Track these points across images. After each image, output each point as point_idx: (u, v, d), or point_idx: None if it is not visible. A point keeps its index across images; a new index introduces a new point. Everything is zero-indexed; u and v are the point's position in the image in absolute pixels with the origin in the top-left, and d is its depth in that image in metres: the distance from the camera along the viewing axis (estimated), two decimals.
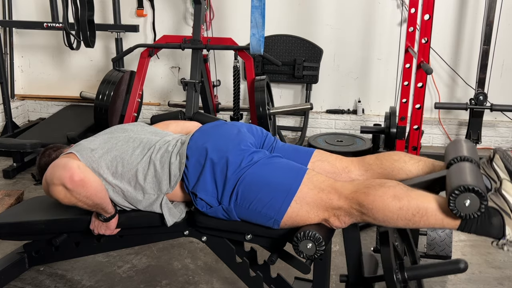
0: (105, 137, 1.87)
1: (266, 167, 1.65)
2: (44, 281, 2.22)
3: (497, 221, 1.45)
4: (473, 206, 1.39)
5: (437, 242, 2.34)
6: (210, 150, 1.68)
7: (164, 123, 2.14)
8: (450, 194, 1.40)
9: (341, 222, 1.58)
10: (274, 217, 1.61)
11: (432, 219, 1.48)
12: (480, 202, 1.39)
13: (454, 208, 1.41)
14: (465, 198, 1.39)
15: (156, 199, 1.75)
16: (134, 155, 1.77)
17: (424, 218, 1.48)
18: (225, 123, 1.90)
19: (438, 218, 1.47)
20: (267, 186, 1.61)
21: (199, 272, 2.30)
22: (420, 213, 1.47)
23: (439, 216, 1.47)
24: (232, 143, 1.71)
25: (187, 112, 3.21)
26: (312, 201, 1.58)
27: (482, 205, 1.39)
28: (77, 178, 1.62)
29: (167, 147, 1.77)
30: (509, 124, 4.00)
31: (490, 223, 1.46)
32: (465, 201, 1.39)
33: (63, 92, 4.61)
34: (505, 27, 3.73)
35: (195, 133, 1.80)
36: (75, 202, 1.67)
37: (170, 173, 1.73)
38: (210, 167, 1.67)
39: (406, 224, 1.50)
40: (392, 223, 1.51)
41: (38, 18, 4.33)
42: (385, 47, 4.03)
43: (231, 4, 4.14)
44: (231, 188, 1.64)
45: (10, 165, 3.46)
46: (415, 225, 1.50)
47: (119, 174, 1.75)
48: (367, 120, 4.17)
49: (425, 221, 1.48)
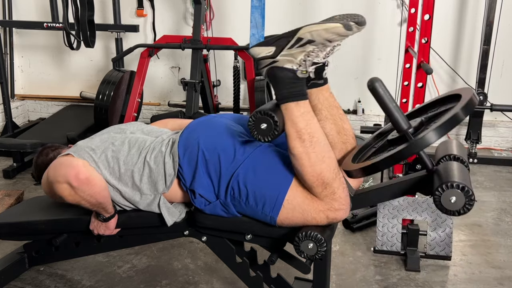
0: (102, 137, 1.86)
1: (258, 162, 1.64)
2: (44, 281, 2.22)
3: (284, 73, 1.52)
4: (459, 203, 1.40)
5: (437, 242, 2.34)
6: (201, 147, 1.68)
7: (162, 121, 2.14)
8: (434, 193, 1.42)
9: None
10: (270, 214, 1.61)
11: None
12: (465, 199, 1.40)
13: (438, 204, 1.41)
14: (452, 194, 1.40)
15: (153, 199, 1.76)
16: (129, 155, 1.77)
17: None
18: (214, 116, 1.88)
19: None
20: (261, 183, 1.61)
21: (199, 272, 2.30)
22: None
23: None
24: (222, 136, 1.70)
25: (187, 112, 3.21)
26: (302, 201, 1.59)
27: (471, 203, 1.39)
28: (82, 176, 1.63)
29: (160, 147, 1.77)
30: (509, 124, 4.00)
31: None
32: (451, 197, 1.39)
33: (63, 92, 4.61)
34: (505, 27, 3.73)
35: (184, 130, 1.78)
36: (79, 200, 1.67)
37: (165, 173, 1.73)
38: (203, 163, 1.67)
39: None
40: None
41: (38, 18, 4.33)
42: (385, 47, 4.03)
43: (231, 4, 4.14)
44: (226, 183, 1.64)
45: (10, 165, 3.46)
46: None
47: (116, 175, 1.76)
48: (367, 120, 4.17)
49: None
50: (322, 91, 1.70)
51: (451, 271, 2.31)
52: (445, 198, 1.39)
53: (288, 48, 1.51)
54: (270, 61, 1.53)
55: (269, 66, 1.54)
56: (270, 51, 1.53)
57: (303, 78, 1.54)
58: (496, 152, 3.97)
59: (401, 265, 2.34)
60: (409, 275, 2.26)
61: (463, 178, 1.43)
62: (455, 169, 1.49)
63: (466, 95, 1.46)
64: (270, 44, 1.54)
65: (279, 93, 1.55)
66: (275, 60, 1.52)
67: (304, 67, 1.51)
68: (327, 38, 1.48)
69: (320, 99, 1.69)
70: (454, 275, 2.28)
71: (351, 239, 2.57)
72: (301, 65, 1.51)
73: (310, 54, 1.51)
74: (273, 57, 1.52)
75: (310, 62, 1.52)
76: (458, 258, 2.41)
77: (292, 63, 1.51)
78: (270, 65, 1.54)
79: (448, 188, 1.38)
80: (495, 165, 3.63)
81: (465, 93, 1.49)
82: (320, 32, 1.48)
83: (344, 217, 1.62)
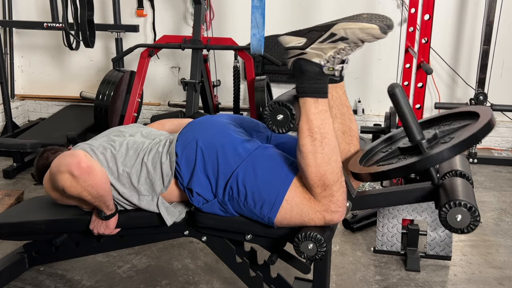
0: (101, 140, 1.89)
1: (257, 162, 1.63)
2: (44, 281, 2.22)
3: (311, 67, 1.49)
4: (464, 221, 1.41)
5: (437, 242, 2.34)
6: (199, 146, 1.68)
7: (159, 122, 2.15)
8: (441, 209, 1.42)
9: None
10: (268, 215, 1.61)
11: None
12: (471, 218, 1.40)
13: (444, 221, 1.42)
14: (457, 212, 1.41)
15: (151, 200, 1.76)
16: (127, 157, 1.79)
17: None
18: (212, 116, 1.89)
19: None
20: (259, 184, 1.61)
21: (199, 272, 2.30)
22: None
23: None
24: (220, 136, 1.70)
25: (187, 112, 3.21)
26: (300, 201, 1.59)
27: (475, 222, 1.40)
28: (84, 164, 1.63)
29: (157, 148, 1.78)
30: (509, 124, 4.00)
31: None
32: (456, 215, 1.40)
33: (63, 92, 4.61)
34: (505, 27, 3.73)
35: (183, 130, 1.79)
36: (80, 191, 1.66)
37: (162, 173, 1.73)
38: (201, 162, 1.67)
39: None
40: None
41: (38, 18, 4.33)
42: (385, 47, 4.02)
43: (231, 4, 4.14)
44: (224, 183, 1.64)
45: (10, 165, 3.46)
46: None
47: (115, 175, 1.78)
48: (367, 120, 4.17)
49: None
50: (337, 88, 1.67)
51: (451, 271, 2.31)
52: (451, 215, 1.40)
53: (320, 42, 1.47)
54: (298, 52, 1.50)
55: (296, 57, 1.50)
56: (301, 42, 1.50)
57: (328, 75, 1.50)
58: (496, 152, 3.97)
59: (401, 265, 2.34)
60: (409, 275, 2.26)
61: (469, 197, 1.44)
62: (462, 186, 1.50)
63: (485, 116, 1.44)
64: (301, 34, 1.50)
65: (300, 86, 1.51)
66: (304, 52, 1.49)
67: (331, 64, 1.48)
68: (361, 38, 1.45)
69: (334, 96, 1.67)
70: (454, 275, 2.28)
71: (351, 239, 2.57)
72: (329, 61, 1.48)
73: (340, 52, 1.47)
74: (302, 48, 1.49)
75: (339, 59, 1.48)
76: (458, 258, 2.41)
77: (321, 58, 1.48)
78: (297, 56, 1.50)
79: (455, 206, 1.40)
80: (495, 165, 3.63)
81: (484, 113, 1.47)
82: (355, 30, 1.44)
83: (341, 220, 1.62)
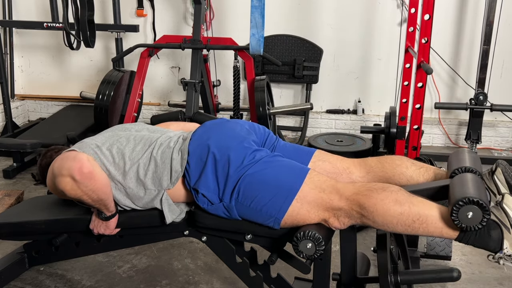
0: (107, 135, 1.88)
1: (268, 165, 1.65)
2: (44, 281, 2.22)
3: (496, 234, 1.46)
4: (475, 219, 1.40)
5: (437, 242, 2.34)
6: (212, 147, 1.68)
7: (164, 124, 2.15)
8: (454, 205, 1.40)
9: (340, 223, 1.58)
10: (275, 215, 1.61)
11: (431, 227, 1.48)
12: (482, 215, 1.39)
13: (456, 219, 1.41)
14: (468, 210, 1.39)
15: (157, 194, 1.76)
16: (135, 151, 1.78)
17: (423, 226, 1.48)
18: (228, 121, 1.90)
19: (437, 227, 1.47)
20: (268, 184, 1.61)
21: (199, 272, 2.31)
22: (420, 220, 1.47)
23: (439, 224, 1.47)
24: (234, 140, 1.71)
25: (187, 112, 3.21)
26: (313, 200, 1.59)
27: (485, 218, 1.39)
28: (86, 170, 1.63)
29: (168, 143, 1.78)
30: (509, 124, 4.00)
31: (489, 236, 1.45)
32: (468, 213, 1.39)
33: (63, 92, 4.61)
34: (505, 27, 3.73)
35: (198, 129, 1.81)
36: (81, 195, 1.66)
37: (171, 168, 1.73)
38: (212, 164, 1.67)
39: (405, 230, 1.50)
40: (391, 228, 1.51)
41: (38, 18, 4.33)
42: (385, 47, 4.03)
43: (231, 4, 4.14)
44: (233, 186, 1.64)
45: (10, 165, 3.46)
46: (413, 232, 1.50)
47: (121, 170, 1.76)
48: (367, 120, 4.17)
49: (424, 228, 1.48)
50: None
51: None
52: (462, 213, 1.40)
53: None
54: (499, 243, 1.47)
55: (499, 238, 1.47)
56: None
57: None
58: (496, 152, 3.97)
59: (401, 265, 2.33)
60: None
61: (479, 193, 1.43)
62: (472, 181, 1.50)
63: None
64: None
65: (469, 235, 1.47)
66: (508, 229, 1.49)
67: (509, 260, 1.48)
68: None
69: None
70: None
71: None
72: (510, 255, 1.48)
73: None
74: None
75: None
76: (458, 258, 2.41)
77: (508, 246, 1.47)
78: (500, 237, 1.47)
79: (465, 204, 1.39)
80: None
81: None
82: None
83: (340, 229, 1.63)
